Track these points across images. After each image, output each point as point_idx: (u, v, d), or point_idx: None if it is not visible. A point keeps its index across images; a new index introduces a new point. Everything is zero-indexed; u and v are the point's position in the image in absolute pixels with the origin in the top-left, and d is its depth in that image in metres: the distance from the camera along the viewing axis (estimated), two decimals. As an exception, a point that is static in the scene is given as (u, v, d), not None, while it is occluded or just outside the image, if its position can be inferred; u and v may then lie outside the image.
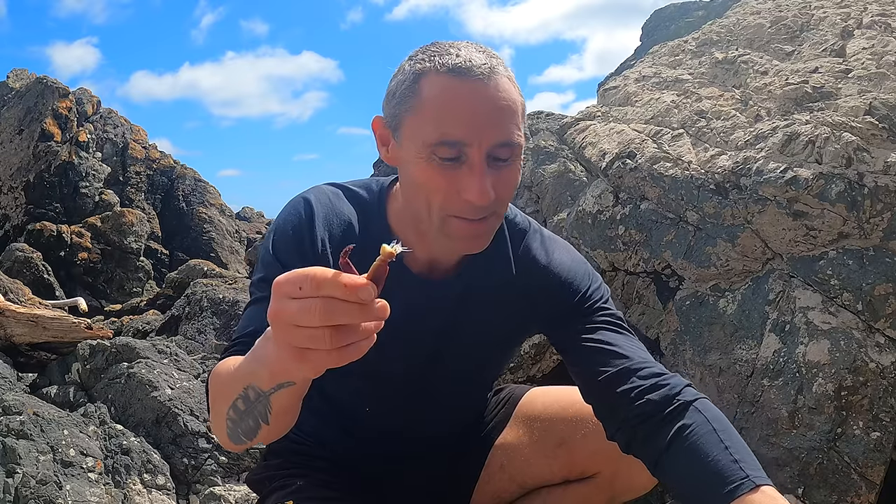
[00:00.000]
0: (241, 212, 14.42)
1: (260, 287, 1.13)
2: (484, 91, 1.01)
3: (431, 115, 1.01)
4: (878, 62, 2.28)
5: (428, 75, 1.03)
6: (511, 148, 1.03)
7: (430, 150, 1.01)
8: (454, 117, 1.00)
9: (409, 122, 1.05)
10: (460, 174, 1.02)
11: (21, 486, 2.15)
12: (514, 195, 1.14)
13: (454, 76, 1.01)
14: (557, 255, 1.26)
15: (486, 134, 1.00)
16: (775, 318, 2.03)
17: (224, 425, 0.96)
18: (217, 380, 1.00)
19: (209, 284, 4.69)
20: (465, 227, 1.05)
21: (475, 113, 1.00)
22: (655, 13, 7.88)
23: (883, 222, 1.92)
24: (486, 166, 1.02)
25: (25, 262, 8.46)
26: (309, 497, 1.25)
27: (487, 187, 1.01)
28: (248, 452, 2.64)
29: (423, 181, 1.04)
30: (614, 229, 2.50)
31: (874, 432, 1.79)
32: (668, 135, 2.49)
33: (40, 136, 11.00)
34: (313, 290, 0.69)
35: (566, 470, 1.37)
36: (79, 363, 3.35)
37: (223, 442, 1.01)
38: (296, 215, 1.17)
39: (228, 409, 0.93)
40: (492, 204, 1.04)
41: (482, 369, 1.40)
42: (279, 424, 0.93)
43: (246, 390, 0.89)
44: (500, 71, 1.03)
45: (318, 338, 0.69)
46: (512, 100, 1.04)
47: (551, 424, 1.39)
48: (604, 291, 1.26)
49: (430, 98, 1.02)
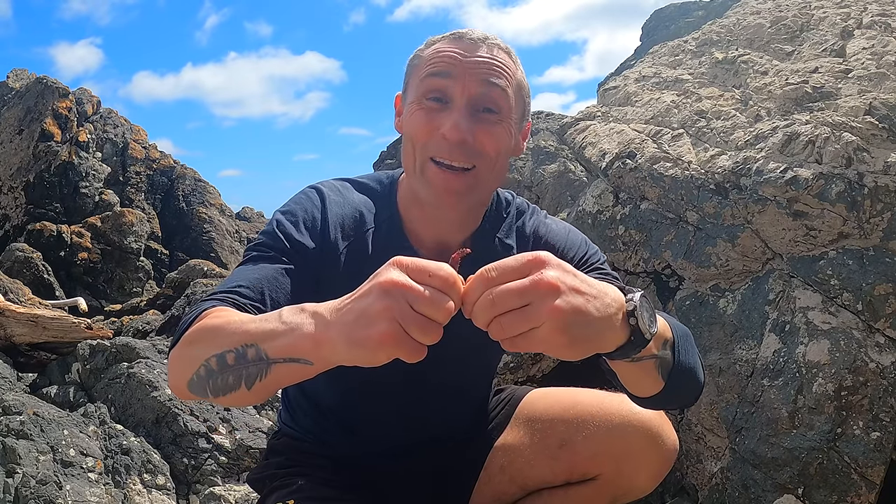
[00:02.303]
0: (241, 212, 14.41)
1: (258, 248, 1.13)
2: (473, 48, 1.12)
3: (425, 66, 1.13)
4: (878, 62, 2.28)
5: (435, 42, 1.16)
6: (496, 101, 1.11)
7: (420, 94, 1.12)
8: (442, 61, 1.11)
9: (411, 81, 1.16)
10: (442, 115, 1.10)
11: (21, 486, 2.15)
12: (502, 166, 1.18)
13: (452, 38, 1.14)
14: (555, 227, 1.33)
15: (469, 77, 1.10)
16: (775, 318, 2.03)
17: (193, 370, 0.91)
18: (206, 323, 0.94)
19: (209, 284, 4.70)
20: (440, 175, 1.11)
21: (463, 60, 1.10)
22: (655, 13, 7.88)
23: (883, 222, 1.92)
24: (469, 113, 1.10)
25: (25, 262, 8.46)
26: (309, 497, 1.25)
27: (462, 124, 1.08)
28: (248, 452, 2.64)
29: (410, 125, 1.13)
30: (614, 229, 2.50)
31: (874, 432, 1.79)
32: (668, 135, 2.49)
33: (40, 136, 11.00)
34: (444, 287, 0.73)
35: (567, 471, 1.37)
36: (79, 363, 3.35)
37: (176, 386, 0.96)
38: (308, 200, 1.21)
39: (211, 357, 0.89)
40: (469, 150, 1.09)
41: (483, 362, 1.40)
42: (256, 395, 0.89)
43: (245, 347, 0.86)
44: (496, 42, 1.13)
45: (427, 329, 0.72)
46: (503, 63, 1.12)
47: (553, 425, 1.39)
48: (600, 255, 1.32)
49: (427, 55, 1.14)
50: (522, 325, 0.73)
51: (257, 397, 0.90)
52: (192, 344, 0.94)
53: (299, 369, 0.83)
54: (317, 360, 0.81)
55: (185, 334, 0.96)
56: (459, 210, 1.18)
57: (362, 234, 1.21)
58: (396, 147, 6.60)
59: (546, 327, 0.73)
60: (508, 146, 1.15)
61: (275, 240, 1.14)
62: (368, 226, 1.21)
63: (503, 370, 2.54)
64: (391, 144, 7.38)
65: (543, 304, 0.73)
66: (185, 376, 0.93)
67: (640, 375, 0.95)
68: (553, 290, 0.73)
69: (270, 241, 1.14)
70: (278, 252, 1.12)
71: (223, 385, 0.89)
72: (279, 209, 1.21)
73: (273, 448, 1.44)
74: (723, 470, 2.01)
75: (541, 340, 0.74)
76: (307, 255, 1.14)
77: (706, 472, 2.08)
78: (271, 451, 1.44)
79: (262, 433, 2.75)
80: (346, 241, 1.19)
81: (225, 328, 0.91)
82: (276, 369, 0.84)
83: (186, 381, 0.93)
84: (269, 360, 0.84)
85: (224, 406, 1.42)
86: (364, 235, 1.20)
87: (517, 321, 0.73)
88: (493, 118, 1.11)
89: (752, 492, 1.91)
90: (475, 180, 1.13)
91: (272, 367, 0.84)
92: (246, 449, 2.64)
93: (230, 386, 0.88)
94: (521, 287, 0.73)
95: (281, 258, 1.12)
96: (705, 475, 2.08)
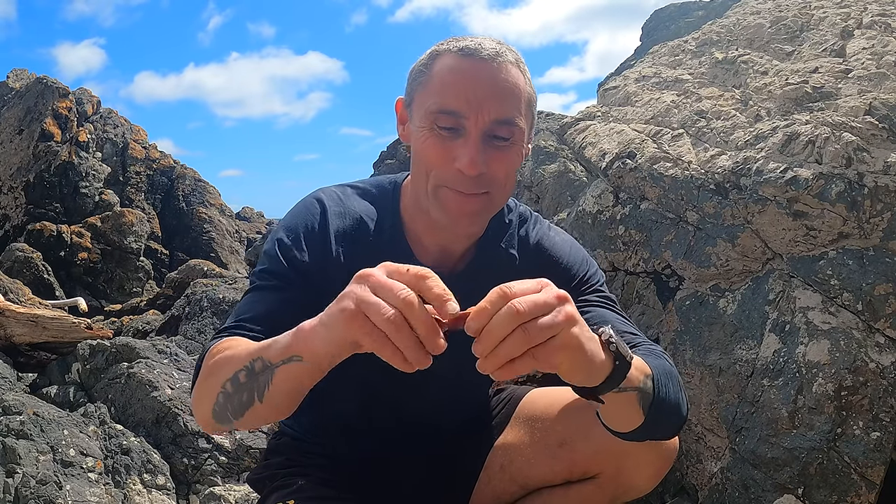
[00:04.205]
0: (241, 212, 14.42)
1: (262, 277, 1.16)
2: (487, 69, 1.08)
3: (436, 87, 1.09)
4: (878, 62, 2.28)
5: (442, 55, 1.11)
6: (510, 128, 1.09)
7: (432, 120, 1.09)
8: (455, 89, 1.07)
9: (419, 96, 1.13)
10: (456, 145, 1.08)
11: (21, 486, 2.15)
12: (512, 184, 1.18)
13: (462, 55, 1.09)
14: (559, 240, 1.33)
15: (483, 109, 1.07)
16: (775, 318, 2.03)
17: (213, 400, 0.96)
18: (217, 356, 1.00)
19: (209, 284, 4.70)
20: (455, 199, 1.10)
21: (475, 88, 1.07)
22: (655, 13, 7.89)
23: (883, 222, 1.92)
24: (482, 142, 1.08)
25: (25, 262, 8.46)
26: (309, 497, 1.25)
27: (478, 158, 1.07)
28: (248, 452, 2.64)
29: (423, 150, 1.11)
30: (614, 229, 2.50)
31: (874, 432, 1.79)
32: (668, 135, 2.49)
33: (40, 136, 11.00)
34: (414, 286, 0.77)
35: (568, 470, 1.37)
36: (79, 363, 3.35)
37: (203, 420, 1.01)
38: (308, 213, 1.21)
39: (226, 382, 0.94)
40: (483, 180, 1.09)
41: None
42: (271, 406, 0.93)
43: (253, 362, 0.91)
44: (507, 57, 1.10)
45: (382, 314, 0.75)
46: (514, 84, 1.09)
47: (553, 425, 1.39)
48: (600, 276, 1.33)
49: (437, 73, 1.10)
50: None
51: (274, 411, 0.94)
52: (209, 377, 0.99)
53: (297, 369, 0.86)
54: (305, 352, 0.84)
55: (200, 372, 1.02)
56: (472, 230, 1.19)
57: (364, 242, 1.21)
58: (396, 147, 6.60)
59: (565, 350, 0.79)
60: (518, 165, 1.16)
61: (277, 264, 1.16)
62: (370, 234, 1.21)
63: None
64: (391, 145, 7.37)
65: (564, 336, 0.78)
66: (208, 408, 0.97)
67: (622, 408, 0.97)
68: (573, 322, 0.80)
69: (273, 268, 1.16)
70: (281, 279, 1.15)
71: (240, 405, 0.93)
72: (280, 224, 1.22)
73: (273, 448, 1.44)
74: (723, 470, 2.01)
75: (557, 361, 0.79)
76: (309, 272, 1.15)
77: (706, 472, 2.08)
78: (271, 451, 1.44)
79: (262, 433, 2.75)
80: (348, 252, 1.19)
81: (235, 353, 0.96)
82: (279, 373, 0.88)
83: (211, 413, 0.97)
84: (273, 366, 0.88)
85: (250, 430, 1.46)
86: (366, 244, 1.21)
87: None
88: (506, 144, 1.11)
89: (752, 492, 1.91)
90: (489, 201, 1.14)
91: (275, 371, 0.88)
92: (246, 449, 2.65)
93: (245, 404, 0.93)
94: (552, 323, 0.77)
95: (284, 287, 1.14)
96: (705, 475, 2.08)
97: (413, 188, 1.20)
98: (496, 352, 0.75)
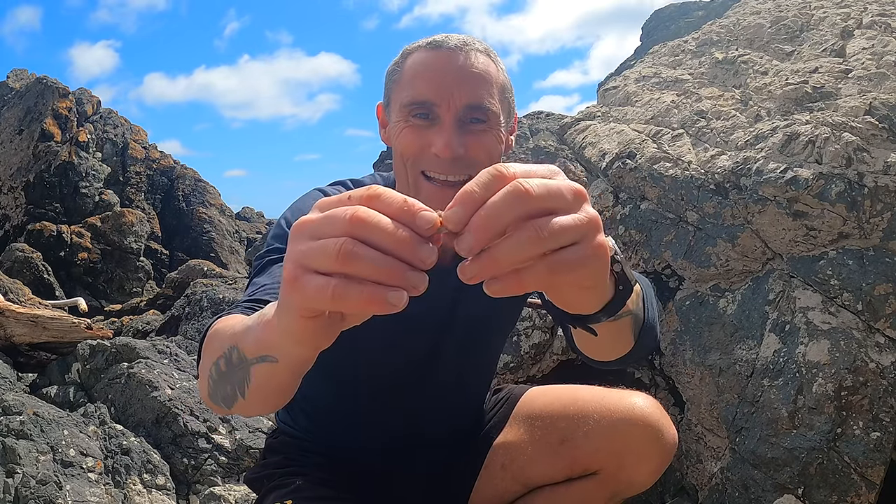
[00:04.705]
0: (241, 212, 14.42)
1: (269, 254, 1.13)
2: (454, 58, 1.11)
3: (408, 81, 1.13)
4: (878, 62, 2.28)
5: (412, 53, 1.15)
6: (483, 111, 1.10)
7: (406, 113, 1.11)
8: (425, 80, 1.11)
9: (394, 95, 1.15)
10: (431, 132, 1.10)
11: (21, 486, 2.15)
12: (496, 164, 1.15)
13: (430, 48, 1.13)
14: None
15: (454, 95, 1.09)
16: (775, 318, 2.03)
17: (206, 384, 0.86)
18: (212, 333, 0.90)
19: (209, 284, 4.70)
20: (437, 192, 1.10)
21: (445, 76, 1.10)
22: (655, 13, 7.88)
23: (883, 222, 1.91)
24: (457, 127, 1.09)
25: (25, 262, 8.47)
26: (307, 497, 1.25)
27: (454, 141, 1.08)
28: (248, 452, 2.64)
29: (400, 143, 1.13)
30: (614, 229, 2.50)
31: (874, 432, 1.79)
32: (668, 135, 2.49)
33: (40, 136, 11.00)
34: (361, 201, 0.57)
35: (569, 467, 1.37)
36: (79, 363, 3.35)
37: (205, 399, 0.91)
38: (312, 200, 1.20)
39: (212, 367, 0.83)
40: (463, 163, 1.09)
41: (480, 360, 1.40)
42: (256, 402, 0.80)
43: (231, 351, 0.78)
44: (474, 46, 1.13)
45: (327, 251, 0.54)
46: (485, 70, 1.12)
47: (553, 422, 1.39)
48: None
49: (408, 69, 1.14)
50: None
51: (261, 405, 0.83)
52: (203, 355, 0.91)
53: (275, 371, 0.72)
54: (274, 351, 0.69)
55: (201, 349, 0.93)
56: None
57: None
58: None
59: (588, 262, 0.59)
60: (500, 150, 1.16)
61: (283, 241, 1.12)
62: None
63: (503, 370, 2.54)
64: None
65: (591, 243, 0.59)
66: (205, 390, 0.88)
67: (616, 335, 0.89)
68: (598, 226, 0.60)
69: (280, 244, 1.13)
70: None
71: (226, 397, 0.83)
72: (285, 212, 1.21)
73: (271, 447, 1.44)
74: (723, 470, 2.01)
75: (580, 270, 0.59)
76: None
77: (706, 472, 2.08)
78: (269, 450, 1.44)
79: (262, 433, 2.75)
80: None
81: (219, 332, 0.85)
82: (256, 371, 0.74)
83: (209, 396, 0.88)
84: (248, 362, 0.75)
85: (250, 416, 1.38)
86: None
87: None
88: (482, 127, 1.11)
89: (752, 492, 1.91)
90: None
91: (251, 369, 0.75)
92: (246, 449, 2.64)
93: (230, 397, 0.82)
94: (576, 223, 0.57)
95: None
96: (705, 475, 2.08)
97: (398, 187, 1.19)
98: (495, 251, 0.55)
